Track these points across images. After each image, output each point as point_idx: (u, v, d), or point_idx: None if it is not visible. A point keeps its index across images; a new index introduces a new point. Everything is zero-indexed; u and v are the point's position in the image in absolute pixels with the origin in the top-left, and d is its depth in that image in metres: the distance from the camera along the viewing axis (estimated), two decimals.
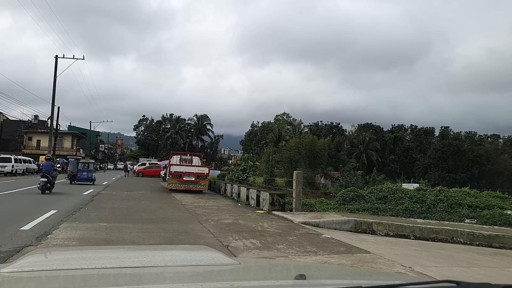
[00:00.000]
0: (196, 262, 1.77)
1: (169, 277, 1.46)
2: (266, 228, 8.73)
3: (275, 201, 12.07)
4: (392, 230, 9.27)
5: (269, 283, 1.42)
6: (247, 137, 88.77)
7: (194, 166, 19.51)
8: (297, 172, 12.10)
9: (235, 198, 16.05)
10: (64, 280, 1.36)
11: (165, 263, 1.69)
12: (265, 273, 1.74)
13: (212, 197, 17.42)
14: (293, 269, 1.83)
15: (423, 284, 1.33)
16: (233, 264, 1.70)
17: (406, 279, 2.16)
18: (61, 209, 10.41)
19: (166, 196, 16.70)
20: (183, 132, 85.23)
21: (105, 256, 1.85)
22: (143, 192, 18.36)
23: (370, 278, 1.76)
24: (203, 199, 16.08)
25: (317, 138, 51.40)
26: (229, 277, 1.54)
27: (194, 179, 18.85)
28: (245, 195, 14.74)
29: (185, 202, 14.35)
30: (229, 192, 17.76)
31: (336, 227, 9.55)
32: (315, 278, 1.52)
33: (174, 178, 18.87)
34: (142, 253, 2.00)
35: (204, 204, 13.78)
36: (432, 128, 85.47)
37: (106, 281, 1.39)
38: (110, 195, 15.73)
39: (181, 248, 3.17)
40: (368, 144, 73.85)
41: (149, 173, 41.26)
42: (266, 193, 12.46)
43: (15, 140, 59.54)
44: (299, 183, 11.88)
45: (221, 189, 19.85)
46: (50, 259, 1.80)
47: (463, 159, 65.75)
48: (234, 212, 11.78)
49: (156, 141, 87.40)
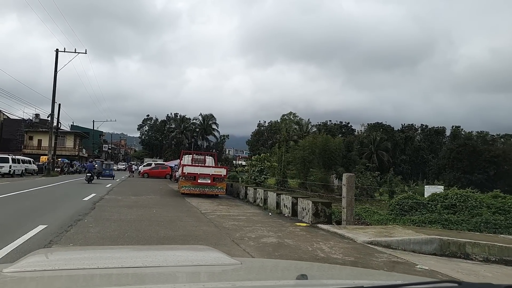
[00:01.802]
0: (198, 262, 1.76)
1: (171, 277, 1.47)
2: (329, 252, 6.39)
3: (319, 211, 9.73)
4: (493, 254, 6.90)
5: (271, 283, 1.41)
6: (254, 137, 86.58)
7: (210, 167, 17.19)
8: (349, 175, 9.73)
9: (261, 205, 13.71)
10: (67, 280, 1.36)
11: (167, 263, 1.68)
12: (267, 273, 1.74)
13: (232, 202, 15.09)
14: (294, 269, 1.81)
15: (425, 284, 1.34)
16: (235, 264, 1.66)
17: (408, 279, 1.99)
18: (53, 223, 8.08)
19: (180, 202, 14.39)
20: (188, 132, 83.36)
21: (107, 256, 1.87)
22: (152, 197, 16.05)
23: (371, 278, 1.73)
24: (224, 205, 13.75)
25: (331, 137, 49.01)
26: (231, 277, 1.54)
27: (210, 181, 16.51)
28: (274, 201, 12.40)
29: (204, 209, 12.04)
30: (251, 196, 15.42)
31: (414, 249, 7.21)
32: (317, 278, 1.51)
33: (188, 180, 16.54)
34: (144, 253, 2.00)
35: (228, 213, 11.45)
36: (443, 128, 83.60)
37: (108, 281, 1.39)
38: (114, 201, 13.43)
39: (183, 248, 3.15)
40: (379, 144, 71.71)
41: (155, 174, 38.95)
42: (307, 201, 10.11)
43: (15, 139, 57.62)
44: (350, 189, 9.53)
45: (240, 193, 17.52)
46: (53, 259, 1.78)
47: (479, 160, 63.69)
48: (269, 225, 9.45)
49: (161, 141, 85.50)
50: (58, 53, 33.25)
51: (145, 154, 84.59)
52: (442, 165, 69.14)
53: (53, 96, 32.58)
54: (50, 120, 32.91)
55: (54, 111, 33.15)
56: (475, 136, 78.17)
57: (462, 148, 66.89)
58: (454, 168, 65.65)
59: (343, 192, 9.62)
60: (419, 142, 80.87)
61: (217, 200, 15.61)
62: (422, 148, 78.29)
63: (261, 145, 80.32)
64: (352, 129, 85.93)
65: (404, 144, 78.29)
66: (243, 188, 16.95)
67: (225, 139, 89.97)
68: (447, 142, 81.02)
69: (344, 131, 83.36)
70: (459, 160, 66.11)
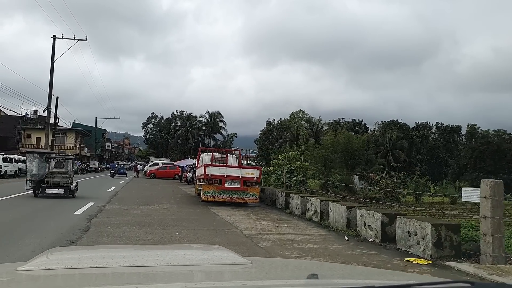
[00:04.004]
0: (208, 261, 1.73)
1: (182, 276, 1.47)
2: None
3: (443, 239, 6.11)
4: None
5: (282, 282, 1.42)
6: (263, 135, 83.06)
7: (239, 168, 13.60)
8: (494, 182, 6.02)
9: (315, 220, 10.07)
10: (80, 278, 1.37)
11: (178, 262, 1.68)
12: (278, 273, 1.72)
13: (274, 215, 11.41)
14: (305, 269, 1.82)
15: (437, 284, 1.32)
16: (246, 264, 1.63)
17: (420, 279, 2.04)
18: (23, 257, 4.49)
19: (206, 214, 10.81)
20: (195, 130, 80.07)
21: (119, 255, 1.86)
22: (167, 206, 12.47)
23: (383, 278, 1.69)
24: (267, 220, 10.11)
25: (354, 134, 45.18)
26: (241, 276, 1.53)
27: (240, 186, 12.90)
28: (342, 217, 8.77)
29: (245, 228, 8.43)
30: (296, 207, 11.78)
31: None
32: (327, 278, 1.46)
33: (211, 184, 12.92)
34: (155, 252, 2.00)
35: (283, 236, 7.82)
36: (458, 126, 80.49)
37: (120, 279, 1.39)
38: (118, 214, 9.86)
39: (194, 248, 3.11)
40: (395, 143, 68.34)
41: (163, 174, 35.32)
42: (419, 223, 6.47)
43: (13, 137, 54.34)
44: (498, 205, 5.88)
45: (276, 200, 13.88)
46: (66, 258, 1.77)
47: (504, 159, 60.55)
48: (360, 260, 5.86)
49: (166, 140, 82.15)
50: (56, 39, 29.74)
51: (150, 153, 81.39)
52: (463, 165, 66.18)
53: (49, 87, 29.08)
54: (47, 114, 29.40)
55: (51, 105, 29.62)
56: (492, 135, 75.21)
57: (485, 147, 63.88)
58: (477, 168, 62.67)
59: (485, 209, 5.97)
60: (434, 140, 77.96)
61: (251, 211, 11.98)
62: (438, 147, 75.19)
63: (270, 143, 77.10)
64: (365, 127, 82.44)
65: (420, 143, 75.24)
66: (282, 195, 13.29)
67: (232, 137, 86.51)
68: (463, 141, 78.52)
69: (357, 129, 79.94)
70: (482, 160, 63.21)
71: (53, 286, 1.35)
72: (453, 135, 78.42)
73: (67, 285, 1.35)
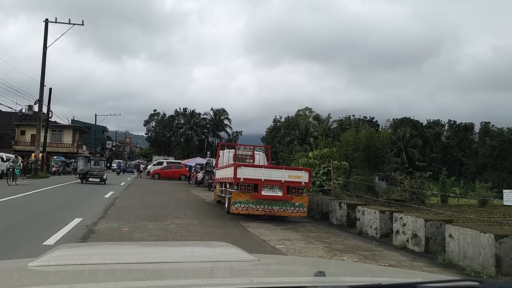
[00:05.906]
0: (216, 258, 1.72)
1: (190, 273, 1.47)
2: None
3: None
4: None
5: (289, 279, 1.40)
6: (269, 133, 79.75)
7: (281, 169, 10.09)
8: None
9: (417, 250, 6.64)
10: (89, 274, 1.37)
11: (185, 259, 1.66)
12: (285, 270, 1.71)
13: (346, 240, 7.94)
14: (312, 266, 1.81)
15: (445, 282, 1.30)
16: (253, 261, 1.63)
17: (428, 277, 1.89)
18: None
19: (244, 239, 7.41)
20: (199, 128, 76.83)
21: (127, 252, 1.86)
22: (185, 222, 9.03)
23: (390, 276, 1.70)
24: (345, 252, 6.69)
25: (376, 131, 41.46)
26: (249, 273, 1.53)
27: (283, 194, 9.48)
28: (481, 252, 5.37)
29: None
30: (366, 224, 8.35)
31: None
32: (334, 275, 1.47)
33: (244, 192, 9.47)
34: (163, 249, 2.00)
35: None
36: (472, 124, 77.56)
37: (128, 275, 1.39)
38: (119, 239, 6.46)
39: (201, 244, 3.13)
40: (409, 141, 65.20)
41: (168, 174, 31.99)
42: None
43: (7, 135, 51.09)
44: None
45: (331, 214, 10.36)
46: (75, 254, 1.79)
47: None
48: None
49: (169, 138, 78.94)
50: (48, 24, 26.37)
51: (152, 152, 78.17)
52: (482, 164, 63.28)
53: (41, 77, 25.69)
54: (38, 106, 26.08)
55: (43, 97, 26.25)
56: (506, 132, 72.32)
57: (507, 145, 61.07)
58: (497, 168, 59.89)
59: None
60: (446, 139, 75.03)
61: (306, 232, 8.52)
62: (451, 146, 72.17)
63: (277, 142, 73.97)
64: (377, 124, 79.18)
65: (433, 141, 72.29)
66: (342, 207, 9.76)
67: (238, 135, 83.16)
68: (476, 139, 75.89)
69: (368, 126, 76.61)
70: (503, 159, 60.58)
71: (62, 281, 1.35)
72: (466, 133, 75.47)
73: (76, 280, 1.33)
